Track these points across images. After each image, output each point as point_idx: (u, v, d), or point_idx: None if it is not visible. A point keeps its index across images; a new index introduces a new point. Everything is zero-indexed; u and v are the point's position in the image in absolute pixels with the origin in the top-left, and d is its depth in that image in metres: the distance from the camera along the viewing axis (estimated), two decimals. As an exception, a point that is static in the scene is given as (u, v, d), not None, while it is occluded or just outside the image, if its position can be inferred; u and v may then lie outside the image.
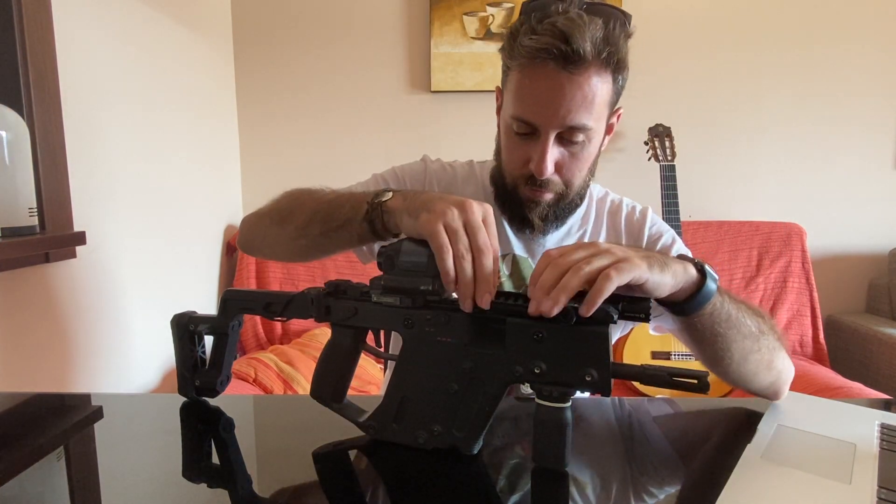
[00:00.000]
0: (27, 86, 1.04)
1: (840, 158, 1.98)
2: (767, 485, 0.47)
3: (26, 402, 0.69)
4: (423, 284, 0.53)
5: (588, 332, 0.48)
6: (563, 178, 0.76)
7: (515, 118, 0.73)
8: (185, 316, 0.65)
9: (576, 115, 0.70)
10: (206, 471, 0.52)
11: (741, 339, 0.62)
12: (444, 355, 0.53)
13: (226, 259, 1.98)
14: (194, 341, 0.65)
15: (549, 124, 0.71)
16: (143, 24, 1.46)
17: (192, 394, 0.65)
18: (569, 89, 0.68)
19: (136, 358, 1.41)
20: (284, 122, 2.07)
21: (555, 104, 0.69)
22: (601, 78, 0.69)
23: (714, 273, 0.57)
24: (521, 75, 0.71)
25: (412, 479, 0.50)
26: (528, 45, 0.68)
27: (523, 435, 0.59)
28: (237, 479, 0.51)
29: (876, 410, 0.66)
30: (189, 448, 0.57)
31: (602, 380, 0.47)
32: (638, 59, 2.19)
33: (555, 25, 0.66)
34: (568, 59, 0.67)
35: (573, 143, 0.73)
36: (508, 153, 0.78)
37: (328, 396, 0.58)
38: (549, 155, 0.72)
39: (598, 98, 0.70)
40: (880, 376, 1.71)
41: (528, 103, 0.72)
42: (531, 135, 0.74)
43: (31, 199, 1.01)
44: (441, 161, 0.94)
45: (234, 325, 0.64)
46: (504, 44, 0.74)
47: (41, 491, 0.49)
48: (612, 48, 0.68)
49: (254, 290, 0.63)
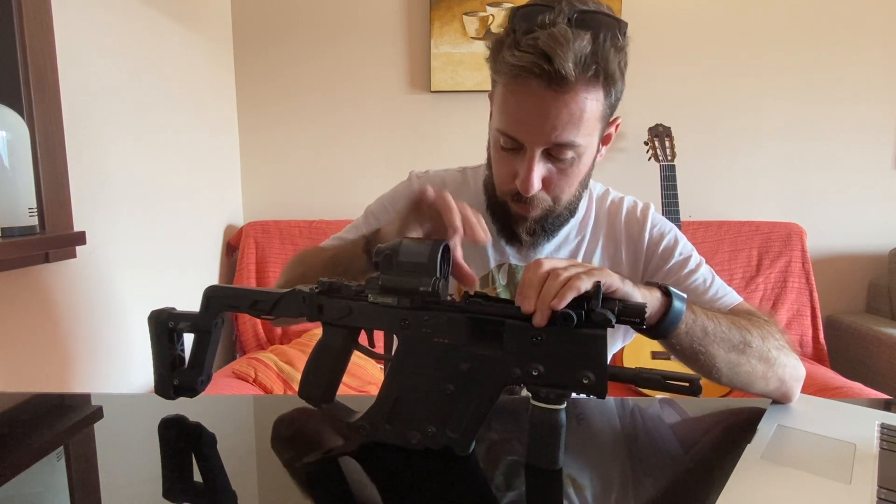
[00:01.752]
0: (27, 86, 1.04)
1: (840, 158, 1.98)
2: (767, 485, 0.47)
3: (26, 402, 0.69)
4: (422, 286, 0.52)
5: (586, 336, 0.48)
6: (551, 195, 0.74)
7: (501, 132, 0.71)
8: (163, 312, 0.61)
9: (562, 133, 0.67)
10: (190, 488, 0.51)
11: (725, 353, 0.62)
12: (441, 356, 0.52)
13: (226, 259, 1.98)
14: (173, 339, 0.62)
15: (534, 142, 0.69)
16: (143, 24, 1.46)
17: (171, 393, 0.62)
18: (554, 108, 0.66)
19: (136, 358, 1.41)
20: (284, 122, 2.07)
21: (539, 122, 0.67)
22: (589, 94, 0.66)
23: (680, 293, 0.58)
24: (506, 90, 0.69)
25: (407, 480, 0.50)
26: (511, 62, 0.65)
27: (517, 434, 0.59)
28: (223, 490, 0.50)
29: (876, 410, 0.65)
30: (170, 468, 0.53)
31: (598, 383, 0.47)
32: (638, 59, 2.19)
33: (537, 43, 0.63)
34: (551, 79, 0.64)
35: (561, 160, 0.71)
36: (496, 166, 0.77)
37: (317, 397, 0.58)
38: (535, 173, 0.70)
39: (586, 115, 0.67)
40: (880, 376, 1.71)
41: (512, 119, 0.70)
42: (517, 150, 0.71)
43: (31, 199, 1.01)
44: (430, 173, 0.92)
45: (216, 322, 0.61)
46: (489, 54, 0.72)
47: (41, 491, 0.49)
48: (601, 64, 0.64)
49: (240, 287, 0.61)
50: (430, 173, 0.93)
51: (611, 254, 0.87)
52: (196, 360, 0.61)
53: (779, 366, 0.66)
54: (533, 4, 0.67)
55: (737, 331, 0.64)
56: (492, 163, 0.78)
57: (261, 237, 1.92)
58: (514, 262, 0.85)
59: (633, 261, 0.86)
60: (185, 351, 0.63)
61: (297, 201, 2.10)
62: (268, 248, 1.91)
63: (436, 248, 0.53)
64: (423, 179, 0.91)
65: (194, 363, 0.61)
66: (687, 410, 0.69)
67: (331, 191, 2.09)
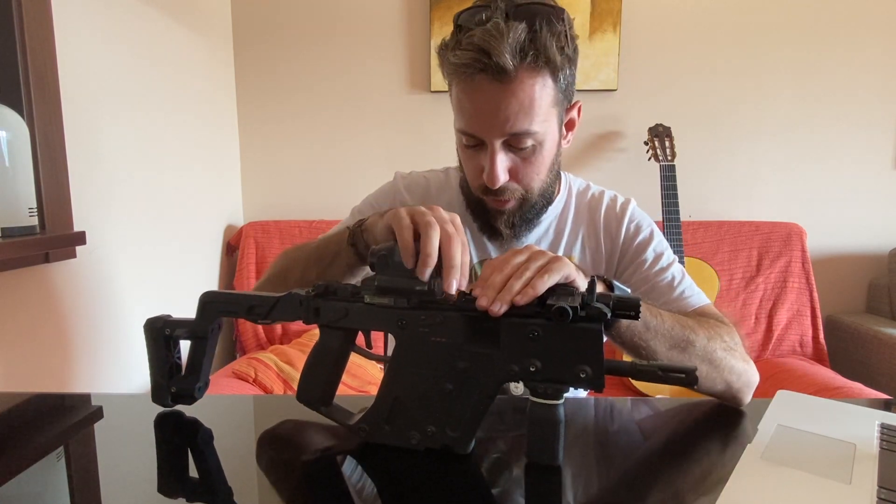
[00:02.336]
0: (27, 86, 1.04)
1: (840, 158, 1.98)
2: (767, 485, 0.47)
3: (26, 402, 0.69)
4: (418, 285, 0.53)
5: (582, 330, 0.48)
6: (521, 185, 0.76)
7: (461, 132, 0.74)
8: (159, 320, 0.61)
9: (515, 122, 0.69)
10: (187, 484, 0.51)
11: (666, 349, 0.64)
12: (439, 355, 0.53)
13: (226, 259, 1.98)
14: (170, 346, 0.61)
15: (491, 136, 0.71)
16: (143, 24, 1.46)
17: (168, 401, 0.62)
18: (503, 100, 0.68)
19: (136, 358, 1.41)
20: (284, 121, 2.07)
21: (492, 116, 0.69)
22: (535, 82, 0.68)
23: (623, 287, 0.59)
24: (458, 90, 0.72)
25: (408, 481, 0.50)
26: (455, 62, 0.68)
27: (516, 431, 0.59)
28: (221, 489, 0.51)
29: (876, 410, 0.65)
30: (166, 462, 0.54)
31: (596, 376, 0.48)
32: (638, 59, 2.19)
33: (474, 40, 0.65)
34: (494, 72, 0.66)
35: (523, 149, 0.72)
36: (465, 165, 0.79)
37: (316, 400, 0.58)
38: (498, 165, 0.72)
39: (537, 102, 0.69)
40: (880, 376, 1.71)
41: (468, 117, 0.72)
42: (479, 146, 0.74)
43: (31, 199, 1.01)
44: (415, 173, 0.94)
45: (213, 328, 0.61)
46: (439, 60, 0.74)
47: (41, 491, 0.49)
48: (540, 50, 0.66)
49: (236, 293, 0.61)
50: (415, 174, 0.94)
51: (592, 247, 0.88)
52: (193, 366, 0.61)
53: (724, 369, 0.66)
54: (473, 7, 0.69)
55: (680, 329, 0.65)
56: (462, 162, 0.80)
57: (261, 237, 1.92)
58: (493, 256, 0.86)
59: (610, 254, 0.87)
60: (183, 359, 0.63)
61: (297, 201, 2.10)
62: (268, 248, 1.91)
63: None
64: (408, 180, 0.93)
65: (192, 370, 0.61)
66: (688, 410, 0.69)
67: (331, 191, 2.09)
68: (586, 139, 2.01)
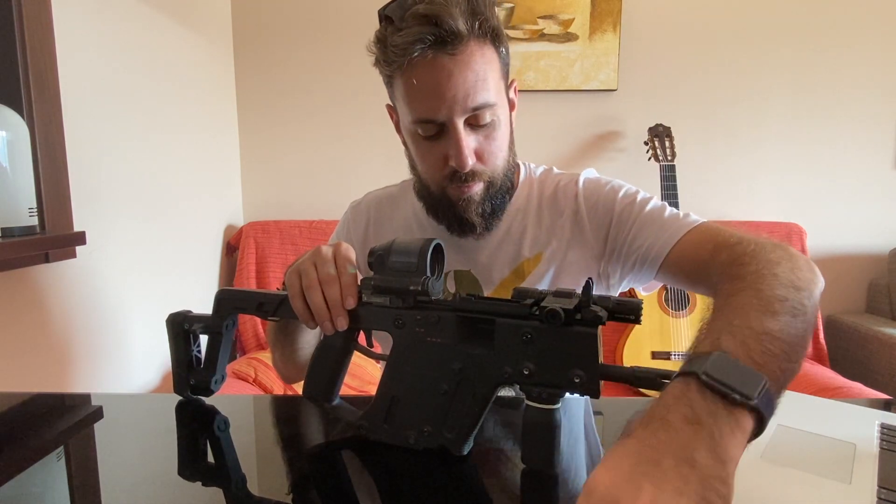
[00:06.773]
0: (27, 86, 1.04)
1: (840, 158, 1.98)
2: (767, 485, 0.47)
3: (26, 402, 0.69)
4: (412, 285, 0.53)
5: (576, 333, 0.47)
6: (488, 166, 0.74)
7: (418, 122, 0.70)
8: (180, 315, 0.65)
9: (474, 95, 0.68)
10: (201, 470, 0.52)
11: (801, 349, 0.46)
12: (435, 356, 0.53)
13: (226, 259, 1.98)
14: (189, 340, 0.65)
15: (452, 114, 0.68)
16: (143, 24, 1.46)
17: (188, 393, 0.65)
18: (459, 72, 0.66)
19: (135, 358, 1.41)
20: (284, 122, 2.07)
21: (451, 91, 0.67)
22: (484, 51, 0.68)
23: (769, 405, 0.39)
24: (406, 77, 0.68)
25: (403, 479, 0.50)
26: (400, 42, 0.65)
27: (513, 436, 0.59)
28: (232, 477, 0.51)
29: (876, 410, 0.65)
30: (185, 447, 0.57)
31: (590, 381, 0.47)
32: (639, 59, 2.18)
33: (419, 12, 0.64)
34: (445, 42, 0.65)
35: (484, 126, 0.71)
36: (423, 161, 0.76)
37: (320, 396, 0.58)
38: (465, 144, 0.69)
39: (489, 72, 0.68)
40: (880, 376, 1.71)
41: (424, 101, 0.68)
42: (440, 133, 0.71)
43: (31, 199, 1.01)
44: (370, 195, 0.93)
45: (227, 324, 0.64)
46: (376, 56, 0.71)
47: (41, 491, 0.49)
48: (482, 17, 0.66)
49: (248, 290, 0.64)
50: (368, 197, 0.93)
51: (566, 237, 0.81)
52: (210, 360, 0.64)
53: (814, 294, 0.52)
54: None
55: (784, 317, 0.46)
56: (417, 162, 0.77)
57: (261, 237, 1.92)
58: (458, 267, 0.83)
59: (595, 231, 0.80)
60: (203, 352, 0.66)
61: (297, 201, 2.10)
62: (268, 248, 1.91)
63: (426, 247, 0.54)
64: (356, 211, 0.92)
65: (208, 363, 0.64)
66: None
67: (331, 191, 2.09)
68: (586, 139, 2.01)
